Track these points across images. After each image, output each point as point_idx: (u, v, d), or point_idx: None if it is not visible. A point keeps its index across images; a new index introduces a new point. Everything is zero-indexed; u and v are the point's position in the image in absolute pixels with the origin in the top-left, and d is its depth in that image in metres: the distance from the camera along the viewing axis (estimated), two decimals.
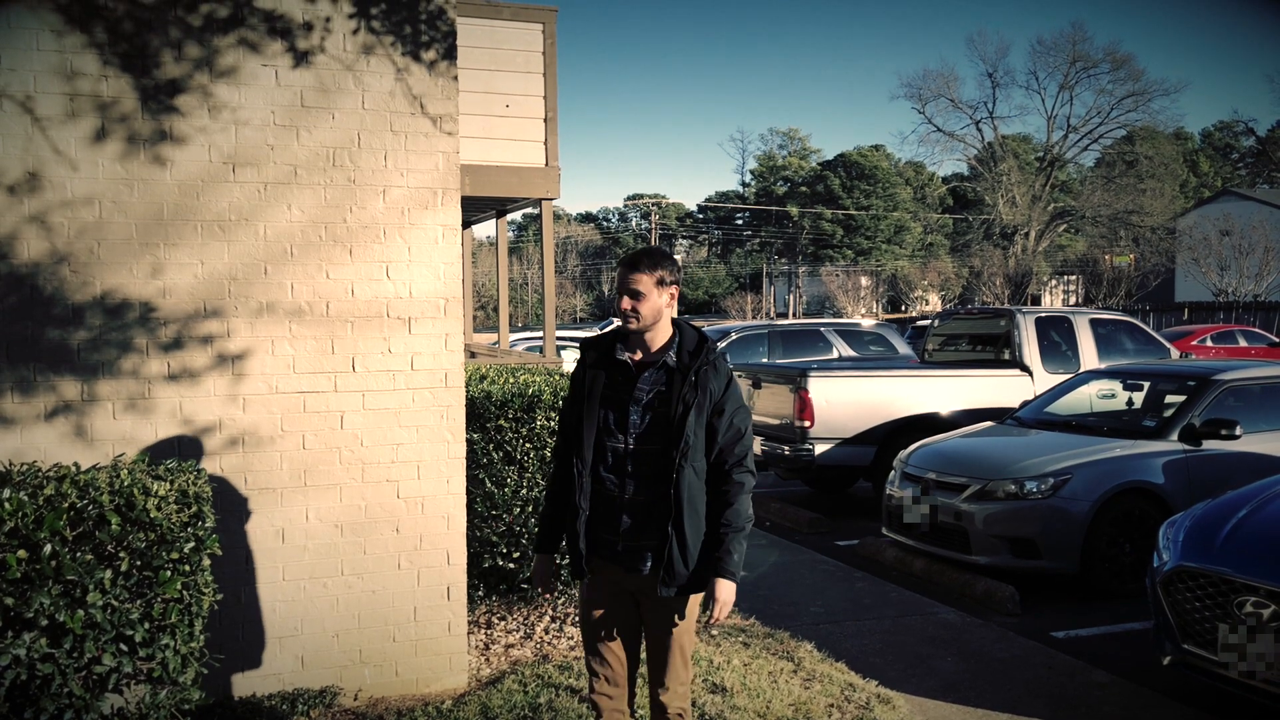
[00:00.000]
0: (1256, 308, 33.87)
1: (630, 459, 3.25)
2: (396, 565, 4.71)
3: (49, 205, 4.11)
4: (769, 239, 76.05)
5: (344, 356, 4.58)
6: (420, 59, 4.65)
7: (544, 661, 5.14)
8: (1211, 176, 70.51)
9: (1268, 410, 7.68)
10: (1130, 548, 6.95)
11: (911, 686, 5.20)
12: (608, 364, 3.34)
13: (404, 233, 4.66)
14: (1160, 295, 47.29)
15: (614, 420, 3.28)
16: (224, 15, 4.33)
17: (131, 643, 3.34)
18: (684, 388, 3.21)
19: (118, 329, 4.22)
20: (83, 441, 4.18)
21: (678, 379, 3.24)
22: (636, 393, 3.27)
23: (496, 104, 8.89)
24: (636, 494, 3.25)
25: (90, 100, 4.16)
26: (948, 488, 7.42)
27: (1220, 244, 42.10)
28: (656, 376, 3.28)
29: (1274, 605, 4.40)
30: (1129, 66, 52.53)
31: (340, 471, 4.59)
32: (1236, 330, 25.06)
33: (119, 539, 3.33)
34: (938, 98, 56.04)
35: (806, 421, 9.56)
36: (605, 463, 3.29)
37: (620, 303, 3.28)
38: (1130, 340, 11.21)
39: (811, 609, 6.58)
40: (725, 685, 4.84)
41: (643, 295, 3.24)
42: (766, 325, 15.33)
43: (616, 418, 3.28)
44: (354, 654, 4.66)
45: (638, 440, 3.25)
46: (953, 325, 11.96)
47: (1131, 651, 5.86)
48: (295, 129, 4.46)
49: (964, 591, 7.03)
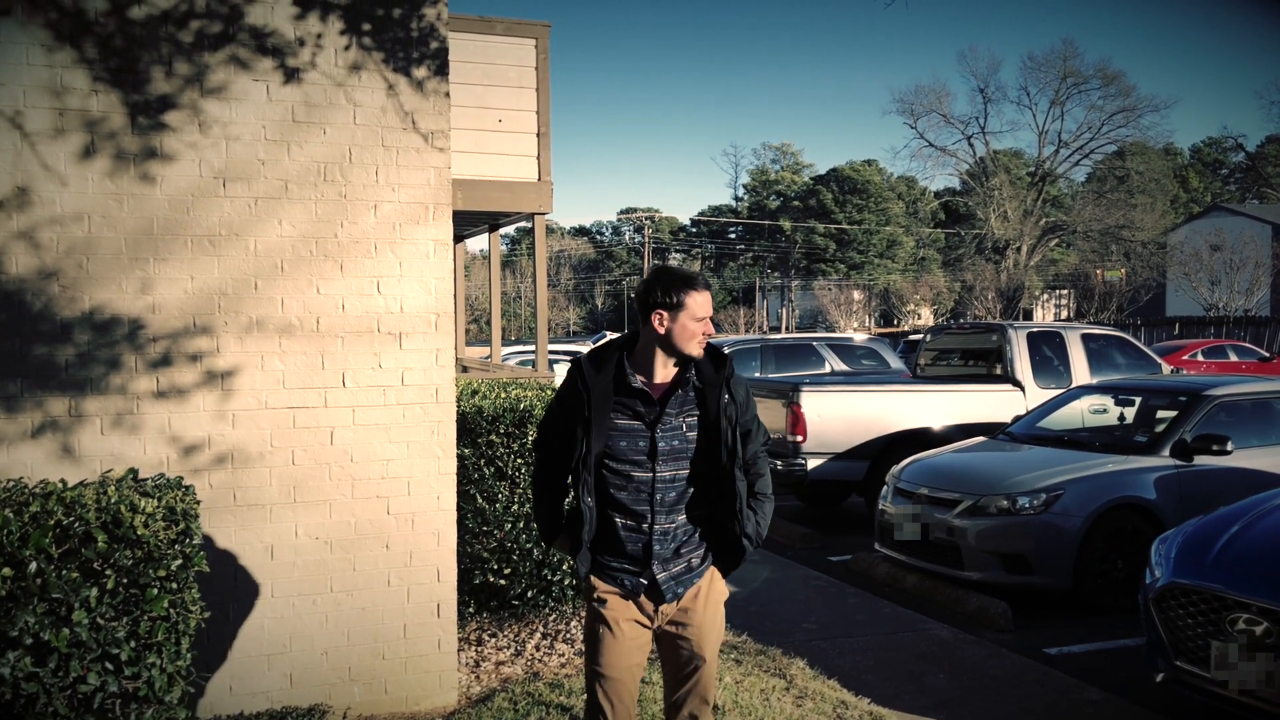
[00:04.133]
0: (1247, 323, 34.03)
1: (657, 487, 3.13)
2: (386, 582, 4.68)
3: (38, 221, 4.10)
4: (762, 253, 76.20)
5: (334, 372, 4.56)
6: (411, 75, 4.65)
7: (535, 679, 5.11)
8: (1202, 192, 70.91)
9: (1259, 425, 7.70)
10: (1122, 563, 6.94)
11: (904, 704, 5.18)
12: (621, 390, 3.15)
13: (395, 248, 4.65)
14: (1151, 310, 47.49)
15: (635, 449, 3.12)
16: (215, 32, 4.33)
17: (117, 661, 3.31)
18: (722, 402, 3.16)
19: (106, 345, 4.20)
20: (70, 458, 4.16)
21: (711, 396, 3.17)
22: (669, 419, 3.13)
23: (489, 119, 8.90)
24: (665, 521, 3.15)
25: (80, 116, 4.16)
26: (940, 503, 7.41)
27: (1211, 259, 42.34)
28: (685, 397, 3.17)
29: (1266, 622, 4.39)
30: (1119, 83, 52.94)
31: (330, 487, 4.57)
32: (1227, 345, 25.18)
33: (105, 556, 3.30)
34: (930, 113, 56.38)
35: (799, 436, 9.55)
36: (624, 494, 3.14)
37: (703, 328, 3.14)
38: (1121, 355, 11.24)
39: (804, 625, 6.56)
40: (717, 703, 4.81)
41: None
42: (759, 339, 15.35)
43: (641, 446, 3.12)
44: (343, 671, 4.63)
45: (668, 465, 3.13)
46: (945, 340, 11.98)
47: (1124, 668, 5.84)
48: (286, 144, 4.46)
49: (956, 607, 7.01)
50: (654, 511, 3.14)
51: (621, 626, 3.17)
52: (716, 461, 3.17)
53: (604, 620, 3.17)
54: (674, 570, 3.18)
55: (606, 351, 3.22)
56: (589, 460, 3.11)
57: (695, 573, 3.23)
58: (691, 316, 3.11)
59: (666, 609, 3.20)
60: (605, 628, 3.17)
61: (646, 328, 3.17)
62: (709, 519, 3.24)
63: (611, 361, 3.17)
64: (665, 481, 3.14)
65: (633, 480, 3.13)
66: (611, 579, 3.18)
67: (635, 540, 3.15)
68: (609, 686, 3.16)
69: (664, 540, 3.15)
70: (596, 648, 3.19)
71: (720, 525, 3.24)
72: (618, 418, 3.13)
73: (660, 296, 3.12)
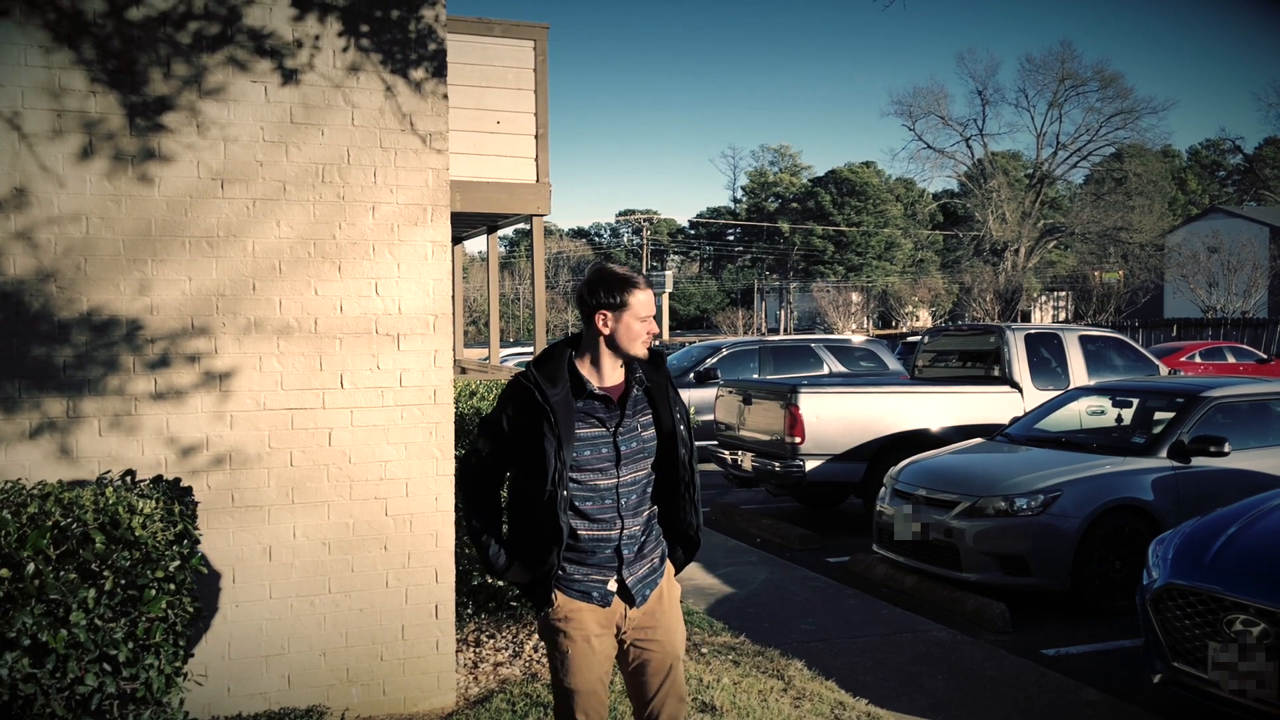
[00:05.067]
0: (1244, 324, 34.05)
1: (621, 492, 3.08)
2: (384, 583, 4.68)
3: (35, 222, 4.10)
4: (760, 255, 76.22)
5: (332, 373, 4.56)
6: (409, 77, 4.65)
7: (533, 680, 5.11)
8: (1199, 194, 70.96)
9: (1256, 427, 7.71)
10: (1120, 564, 6.95)
11: (902, 705, 5.18)
12: (580, 397, 3.05)
13: (393, 249, 4.65)
14: (1149, 312, 47.52)
15: (599, 456, 3.05)
16: (213, 33, 4.33)
17: (115, 662, 3.31)
18: (669, 400, 3.18)
19: (104, 346, 4.20)
20: (68, 459, 4.16)
21: (659, 394, 3.18)
22: (627, 421, 3.09)
23: (487, 120, 8.89)
24: (630, 524, 3.12)
25: (78, 117, 4.16)
26: (938, 504, 7.42)
27: (1208, 261, 42.38)
28: (637, 398, 3.14)
29: (1264, 623, 4.39)
30: (1117, 85, 52.89)
31: (328, 489, 4.57)
32: (1225, 347, 25.18)
33: (103, 557, 3.30)
34: (928, 115, 56.33)
35: (797, 438, 9.55)
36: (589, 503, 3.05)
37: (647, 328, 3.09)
38: (1119, 357, 11.25)
39: (802, 626, 6.56)
40: (715, 704, 4.81)
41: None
42: (757, 341, 15.38)
43: (605, 453, 3.05)
44: (341, 673, 4.63)
45: (629, 468, 3.10)
46: (943, 341, 11.99)
47: (1122, 669, 5.85)
48: (284, 145, 4.46)
49: (954, 609, 7.01)
50: (620, 516, 3.09)
51: (592, 641, 3.08)
52: (673, 458, 3.17)
53: (573, 636, 3.06)
54: (640, 573, 3.14)
55: (550, 362, 3.10)
56: (564, 475, 2.98)
57: (658, 573, 3.21)
58: (635, 316, 3.06)
59: (634, 614, 3.13)
60: (575, 643, 3.06)
61: (590, 330, 3.09)
62: (661, 516, 3.25)
63: (562, 370, 3.06)
64: (627, 485, 3.10)
65: (598, 489, 3.06)
66: (578, 592, 3.08)
67: (604, 547, 3.09)
68: (586, 702, 3.07)
69: (630, 544, 3.12)
70: (567, 665, 3.07)
71: (674, 521, 3.25)
72: (581, 427, 3.03)
73: (604, 297, 3.05)
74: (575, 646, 3.07)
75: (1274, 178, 63.92)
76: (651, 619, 3.17)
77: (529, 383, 3.04)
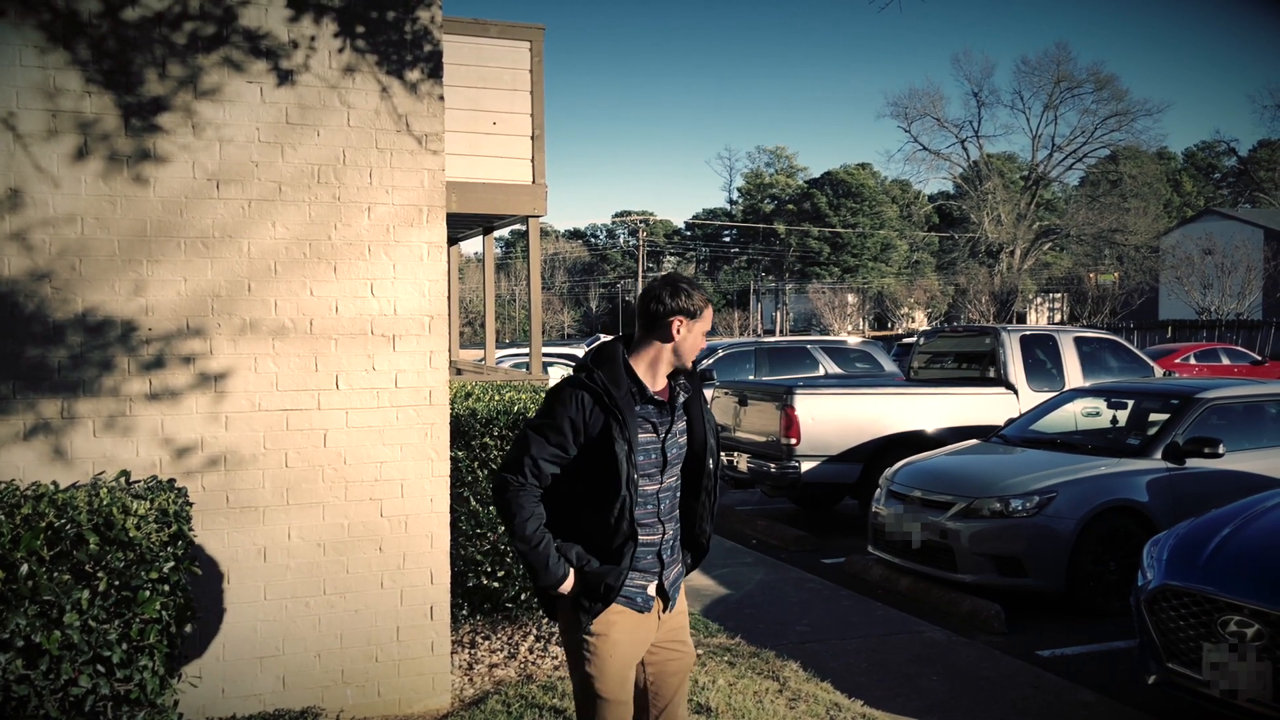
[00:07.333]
0: (1239, 326, 34.17)
1: (661, 496, 3.13)
2: (379, 584, 4.68)
3: (30, 223, 4.09)
4: (756, 256, 76.29)
5: (328, 374, 4.56)
6: (405, 78, 4.65)
7: (528, 681, 5.10)
8: (1194, 196, 71.13)
9: (1251, 428, 7.72)
10: (1115, 566, 6.96)
11: (897, 706, 5.18)
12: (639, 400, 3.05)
13: (389, 250, 4.65)
14: (1144, 313, 47.62)
15: (650, 462, 3.06)
16: (208, 34, 4.33)
17: (109, 664, 3.30)
18: (702, 409, 3.23)
19: (99, 347, 4.19)
20: (62, 460, 4.15)
21: (694, 403, 3.21)
22: (675, 428, 3.13)
23: (483, 121, 8.89)
24: (669, 528, 3.18)
25: (73, 118, 4.15)
26: (933, 506, 7.42)
27: (1203, 263, 42.46)
28: (678, 405, 3.16)
29: (1258, 624, 4.40)
30: (1112, 87, 53.09)
31: (323, 490, 4.56)
32: (1220, 348, 25.24)
33: (97, 559, 3.29)
34: (923, 116, 56.48)
35: (792, 439, 9.56)
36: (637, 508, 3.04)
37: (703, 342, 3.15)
38: (1114, 358, 11.27)
39: (797, 627, 6.56)
40: (711, 705, 4.81)
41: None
42: (753, 342, 15.36)
43: (654, 458, 3.07)
44: (336, 674, 4.62)
45: (670, 474, 3.14)
46: (938, 343, 11.99)
47: (1117, 670, 5.86)
48: (280, 146, 4.46)
49: (950, 610, 7.02)
50: (660, 521, 3.15)
51: (632, 647, 3.09)
52: (700, 467, 3.21)
53: (616, 642, 3.03)
54: (673, 576, 3.23)
55: (610, 364, 3.05)
56: (634, 478, 2.97)
57: (682, 575, 3.32)
58: (703, 328, 3.14)
59: (665, 618, 3.22)
60: (616, 651, 3.03)
61: (658, 333, 3.07)
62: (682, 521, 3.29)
63: (621, 372, 3.03)
64: (667, 490, 3.17)
65: (645, 494, 3.08)
66: (623, 598, 3.05)
67: (648, 552, 3.12)
68: (615, 712, 3.05)
69: (667, 548, 3.19)
70: (604, 673, 3.02)
71: (689, 528, 3.29)
72: (640, 432, 3.02)
73: (684, 303, 3.05)
74: (616, 656, 3.04)
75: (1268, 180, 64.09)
76: (675, 619, 3.26)
77: (596, 385, 2.98)
